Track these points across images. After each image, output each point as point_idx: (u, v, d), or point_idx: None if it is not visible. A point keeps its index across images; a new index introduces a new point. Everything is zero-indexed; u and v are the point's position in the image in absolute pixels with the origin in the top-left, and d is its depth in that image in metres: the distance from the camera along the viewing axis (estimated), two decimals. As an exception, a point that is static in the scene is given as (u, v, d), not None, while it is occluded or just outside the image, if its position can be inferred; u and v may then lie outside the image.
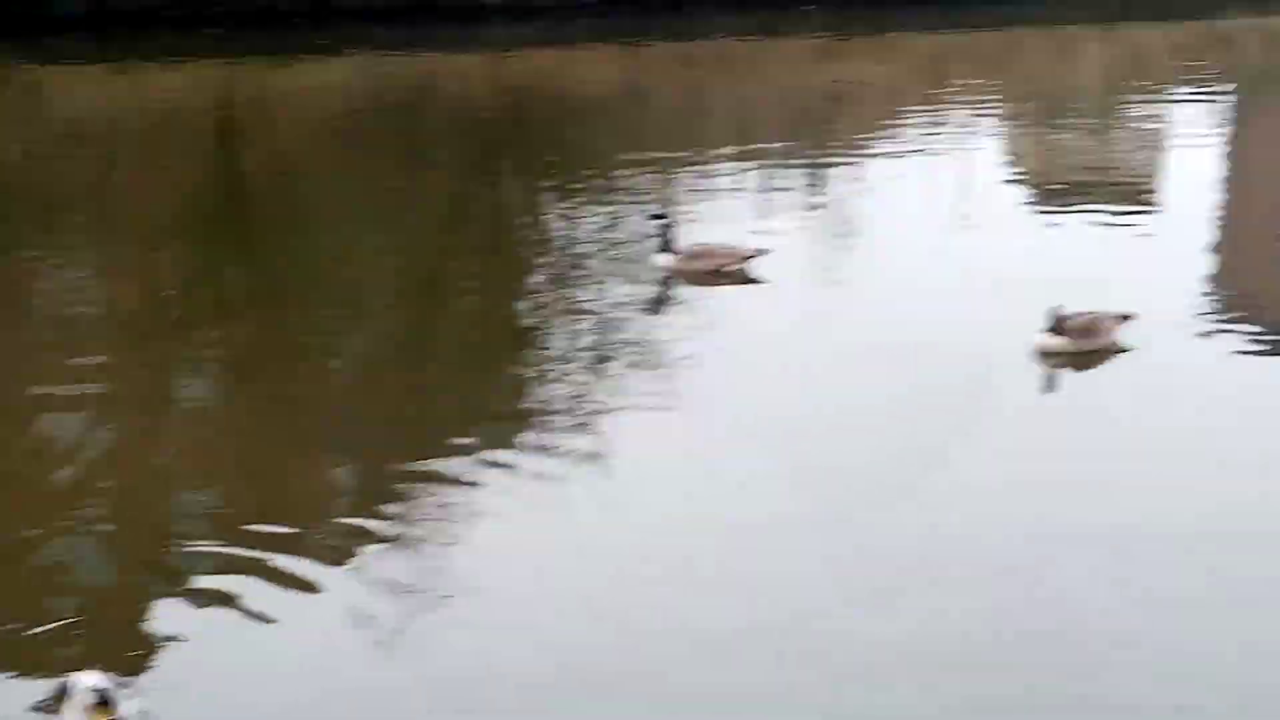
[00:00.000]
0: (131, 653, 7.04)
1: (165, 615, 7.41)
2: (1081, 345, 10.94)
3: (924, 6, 29.87)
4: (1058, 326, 10.87)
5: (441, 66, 26.24)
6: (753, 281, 12.97)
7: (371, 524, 8.41)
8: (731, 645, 7.14)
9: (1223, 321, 11.88)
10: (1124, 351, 11.06)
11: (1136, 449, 9.43)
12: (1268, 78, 25.87)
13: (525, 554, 8.11)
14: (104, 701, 6.14)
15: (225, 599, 7.49)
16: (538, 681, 6.82)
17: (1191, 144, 19.40)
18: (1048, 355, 10.90)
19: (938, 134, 20.25)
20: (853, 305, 12.58)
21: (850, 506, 8.64)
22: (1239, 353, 11.21)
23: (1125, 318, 11.16)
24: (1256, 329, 11.71)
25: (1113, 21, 30.41)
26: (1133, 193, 16.99)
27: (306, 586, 7.67)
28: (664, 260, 13.13)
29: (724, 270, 13.03)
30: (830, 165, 18.05)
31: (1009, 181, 17.63)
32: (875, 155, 18.46)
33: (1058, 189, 16.94)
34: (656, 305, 12.57)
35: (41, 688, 6.56)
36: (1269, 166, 18.77)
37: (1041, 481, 8.96)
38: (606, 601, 7.56)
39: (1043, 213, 15.70)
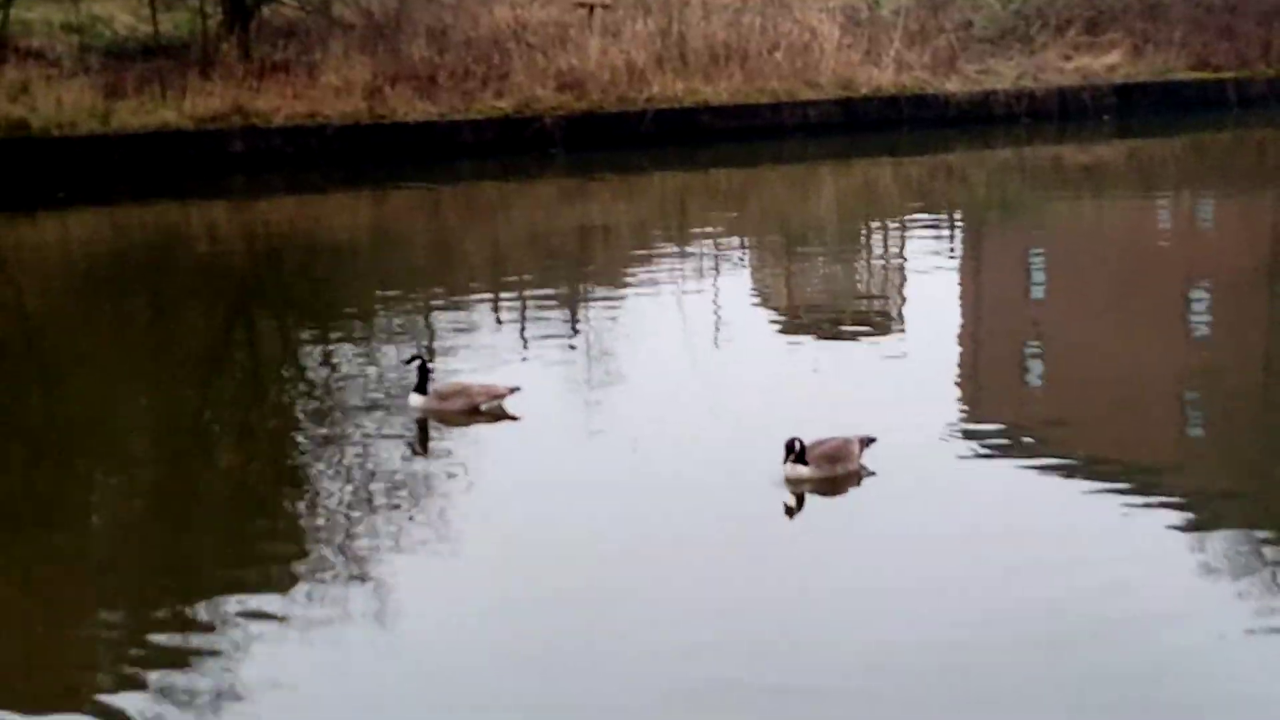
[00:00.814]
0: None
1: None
2: (827, 472, 11.26)
3: (664, 149, 30.56)
4: (802, 455, 11.17)
5: (188, 216, 26.02)
6: (508, 418, 13.09)
7: (141, 675, 8.32)
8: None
9: (968, 436, 12.39)
10: (870, 474, 11.43)
11: (882, 566, 9.79)
12: (993, 206, 27.06)
13: (304, 702, 8.09)
14: None
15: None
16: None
17: (928, 269, 20.24)
18: (796, 483, 11.18)
19: (684, 268, 20.76)
20: (606, 441, 12.76)
21: (609, 630, 8.90)
22: (982, 462, 11.71)
23: (869, 441, 11.54)
24: (998, 441, 12.24)
25: (846, 157, 31.52)
26: (876, 318, 17.64)
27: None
28: (417, 401, 13.20)
29: (479, 408, 13.13)
30: (582, 302, 18.39)
31: (755, 311, 18.13)
32: (625, 291, 18.83)
33: (803, 318, 17.48)
34: (414, 446, 12.62)
35: None
36: (1002, 288, 19.62)
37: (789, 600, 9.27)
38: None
39: (790, 342, 16.16)
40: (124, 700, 8.14)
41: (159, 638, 8.97)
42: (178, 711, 7.94)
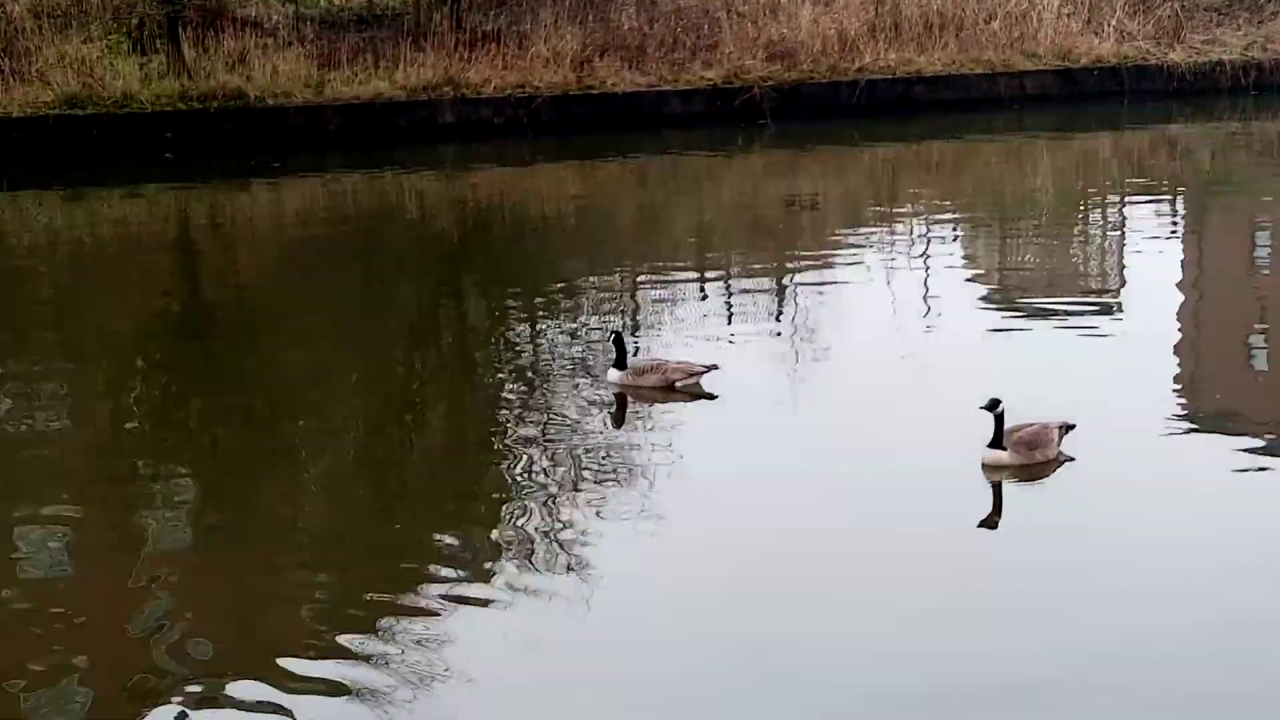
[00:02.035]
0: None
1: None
2: (1026, 458, 10.90)
3: (874, 121, 30.11)
4: (1003, 441, 10.85)
5: (400, 186, 26.29)
6: (705, 396, 12.90)
7: (347, 654, 8.30)
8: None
9: (1187, 427, 11.89)
10: (1069, 461, 11.02)
11: (1084, 564, 9.39)
12: (1217, 181, 26.15)
13: (514, 687, 8.01)
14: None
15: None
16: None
17: (1148, 246, 19.59)
18: (994, 469, 10.86)
19: (894, 245, 20.37)
20: (806, 423, 12.49)
21: (807, 625, 8.65)
22: (1204, 460, 11.16)
23: (1069, 427, 11.13)
24: (1224, 435, 11.70)
25: (1064, 130, 30.74)
26: (1092, 296, 17.09)
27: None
28: (615, 376, 13.09)
29: (675, 386, 12.96)
30: (788, 278, 18.10)
31: (966, 288, 17.68)
32: (833, 268, 18.50)
33: (1016, 296, 17.00)
34: (613, 421, 12.52)
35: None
36: (1226, 269, 18.89)
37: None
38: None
39: (1001, 321, 15.66)
40: (321, 669, 8.16)
41: (360, 608, 8.97)
42: (374, 685, 7.89)
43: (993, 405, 10.88)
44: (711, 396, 12.88)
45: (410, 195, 25.69)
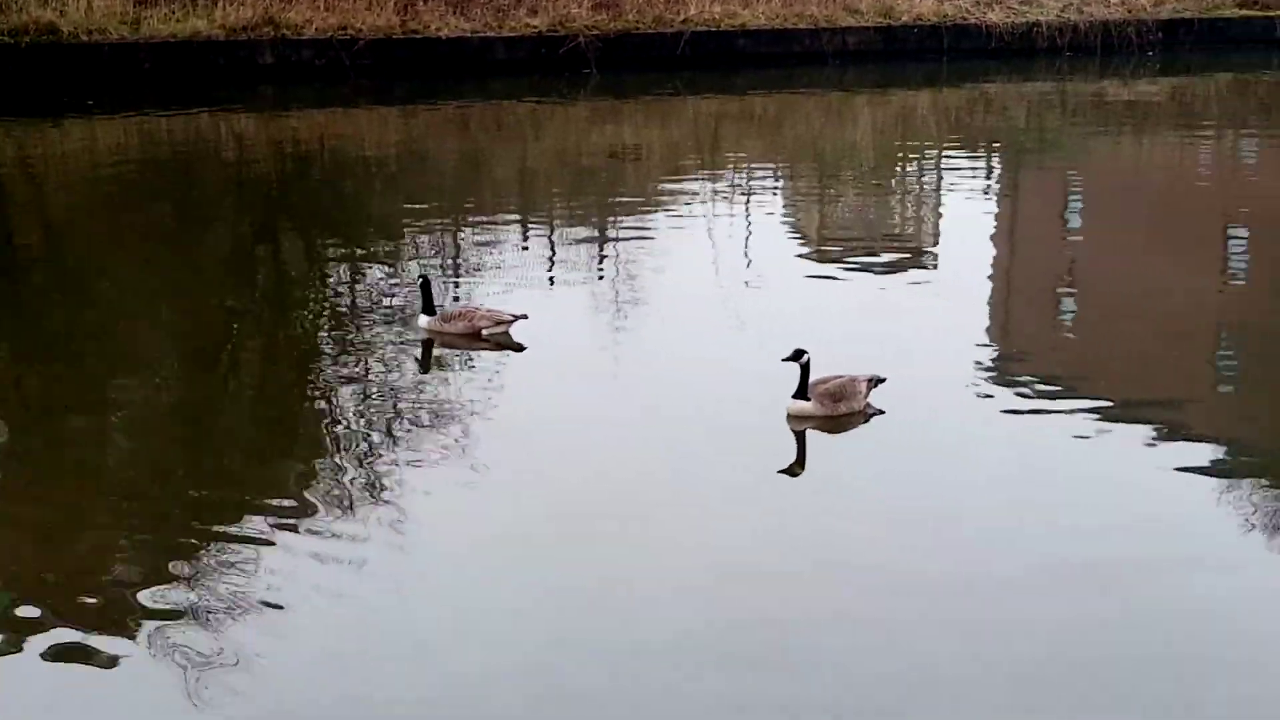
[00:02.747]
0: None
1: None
2: (830, 410, 11.05)
3: (697, 73, 30.20)
4: (807, 392, 11.00)
5: (217, 127, 25.79)
6: (513, 346, 12.86)
7: (157, 592, 8.22)
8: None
9: (993, 379, 12.14)
10: (878, 414, 11.19)
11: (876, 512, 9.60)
12: (1031, 140, 26.66)
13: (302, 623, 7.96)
14: None
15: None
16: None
17: (963, 203, 19.94)
18: (799, 420, 11.01)
19: (715, 196, 20.47)
20: (621, 370, 12.56)
21: (613, 573, 8.74)
22: (1003, 410, 11.41)
23: (878, 380, 11.30)
24: (1023, 382, 11.97)
25: (884, 86, 31.11)
26: (908, 251, 17.35)
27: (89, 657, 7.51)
28: (424, 321, 13.07)
29: (482, 333, 12.92)
30: (609, 227, 18.12)
31: (785, 241, 17.86)
32: (654, 217, 18.56)
33: (834, 249, 17.19)
34: (419, 366, 12.50)
35: None
36: (1038, 224, 19.29)
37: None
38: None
39: (818, 273, 15.83)
40: (121, 609, 8.07)
41: (170, 550, 8.86)
42: (175, 635, 7.79)
43: (796, 356, 11.01)
44: (520, 347, 12.83)
45: (228, 136, 25.22)
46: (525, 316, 13.02)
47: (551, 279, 15.26)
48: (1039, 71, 32.37)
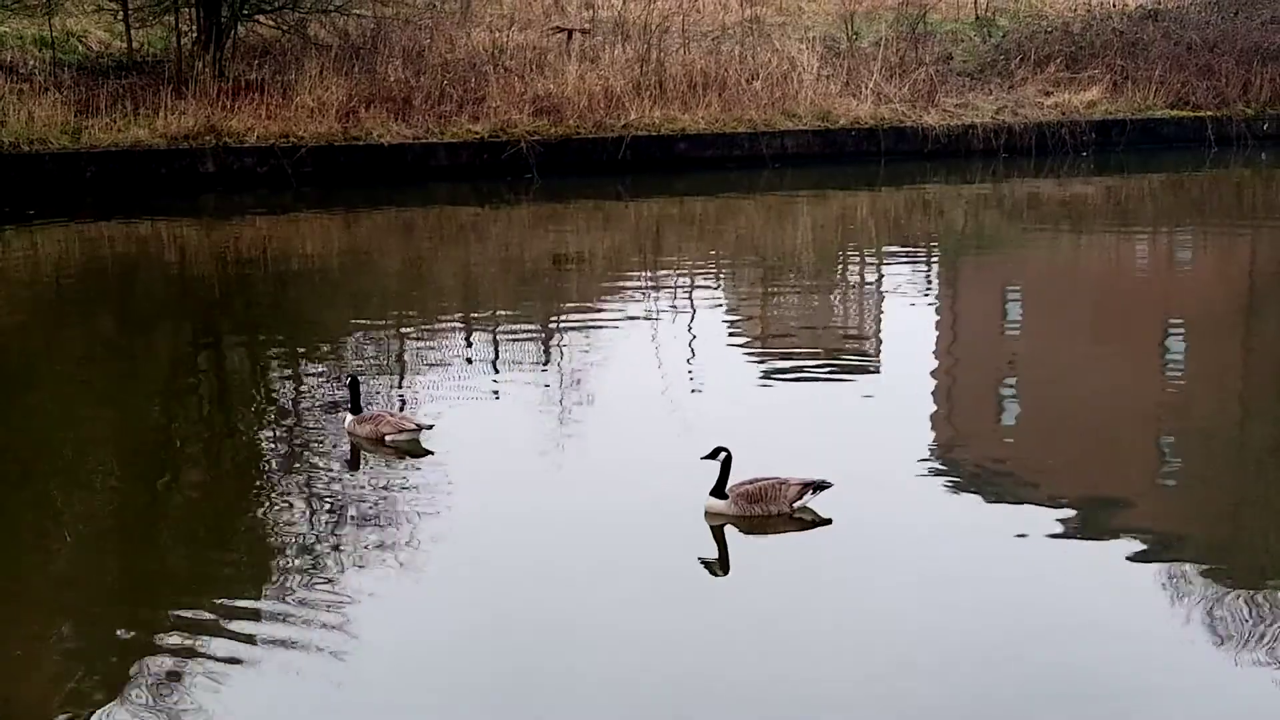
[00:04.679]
0: None
1: None
2: (744, 510, 11.13)
3: (641, 176, 30.43)
4: (725, 490, 11.16)
5: (159, 235, 25.76)
6: (421, 454, 12.84)
7: (89, 698, 8.20)
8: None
9: (937, 480, 12.21)
10: (823, 521, 11.21)
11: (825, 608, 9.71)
12: (970, 240, 26.93)
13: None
14: None
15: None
16: None
17: (904, 304, 20.10)
18: (715, 516, 11.17)
19: (658, 299, 20.56)
20: (562, 469, 12.68)
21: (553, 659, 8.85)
22: (950, 510, 11.49)
23: (821, 485, 11.25)
24: (969, 480, 12.05)
25: (823, 188, 31.39)
26: (851, 353, 17.44)
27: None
28: (348, 421, 13.19)
29: (385, 440, 12.93)
30: (554, 331, 18.17)
31: (729, 343, 17.92)
32: (598, 320, 18.62)
33: (777, 351, 17.25)
34: (349, 465, 12.61)
35: None
36: (979, 323, 19.46)
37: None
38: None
39: (762, 376, 15.90)
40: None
41: (111, 660, 8.80)
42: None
43: (715, 454, 11.22)
44: (428, 453, 12.84)
45: (170, 244, 25.20)
46: (431, 426, 13.07)
47: (496, 388, 15.24)
48: (975, 173, 32.78)
